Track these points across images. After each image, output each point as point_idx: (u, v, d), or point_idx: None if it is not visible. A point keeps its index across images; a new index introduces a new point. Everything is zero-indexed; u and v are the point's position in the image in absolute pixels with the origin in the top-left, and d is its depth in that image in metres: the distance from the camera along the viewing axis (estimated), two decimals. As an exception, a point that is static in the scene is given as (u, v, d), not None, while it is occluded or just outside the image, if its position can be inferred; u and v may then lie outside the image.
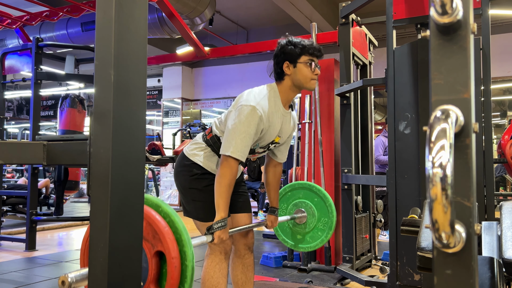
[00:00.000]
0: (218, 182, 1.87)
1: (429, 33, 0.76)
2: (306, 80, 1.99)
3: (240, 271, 2.19)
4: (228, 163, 1.86)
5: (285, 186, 2.67)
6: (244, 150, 1.87)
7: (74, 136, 1.02)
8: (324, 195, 2.54)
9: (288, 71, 1.99)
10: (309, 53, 1.98)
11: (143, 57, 0.93)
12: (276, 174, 2.29)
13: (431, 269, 0.75)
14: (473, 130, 0.72)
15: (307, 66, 1.98)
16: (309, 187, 2.59)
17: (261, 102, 1.91)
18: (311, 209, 2.56)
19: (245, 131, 1.85)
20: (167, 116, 10.36)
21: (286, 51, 1.99)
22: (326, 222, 2.52)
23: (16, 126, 13.64)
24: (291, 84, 2.01)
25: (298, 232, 2.60)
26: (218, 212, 1.86)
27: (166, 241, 1.31)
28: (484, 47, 2.64)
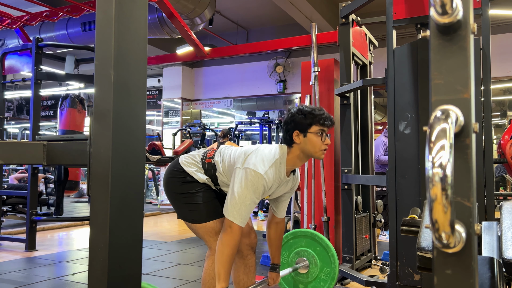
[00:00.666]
0: (220, 251, 1.86)
1: (429, 33, 0.76)
2: (316, 150, 1.96)
3: (242, 272, 2.19)
4: (231, 230, 1.86)
5: (287, 233, 2.66)
6: (246, 217, 1.89)
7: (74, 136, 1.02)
8: (327, 245, 2.53)
9: (298, 140, 1.95)
10: (320, 123, 1.95)
11: (143, 57, 0.93)
12: (278, 230, 2.28)
13: (431, 269, 0.75)
14: (473, 130, 0.72)
15: (317, 136, 1.94)
16: (311, 236, 2.59)
17: (268, 171, 1.90)
18: (313, 259, 2.55)
19: (250, 198, 1.87)
20: (167, 116, 10.36)
21: (296, 120, 1.95)
22: (328, 273, 2.52)
23: (16, 126, 13.65)
24: (299, 153, 1.98)
25: (301, 282, 2.59)
26: (219, 282, 1.84)
27: None
28: (484, 47, 2.64)
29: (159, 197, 10.24)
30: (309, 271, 2.55)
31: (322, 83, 3.86)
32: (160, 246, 4.86)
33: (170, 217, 8.04)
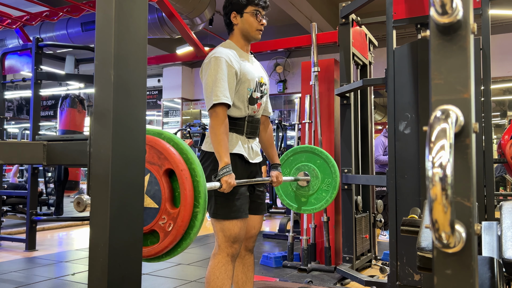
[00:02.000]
0: (213, 133, 1.92)
1: (429, 33, 0.76)
2: (252, 29, 2.09)
3: (240, 271, 2.19)
4: (215, 113, 1.93)
5: (287, 151, 2.68)
6: (225, 93, 1.94)
7: (74, 136, 1.02)
8: (327, 157, 2.56)
9: (236, 21, 2.09)
10: (255, 3, 2.08)
11: (143, 57, 0.93)
12: (268, 130, 2.34)
13: (431, 269, 0.75)
14: (473, 130, 0.72)
15: (253, 16, 2.08)
16: (311, 150, 2.61)
17: (222, 51, 2.00)
18: (314, 171, 2.57)
19: (216, 77, 1.93)
20: (167, 116, 10.36)
21: (233, 2, 2.09)
22: (329, 183, 2.54)
23: (16, 126, 13.64)
24: (240, 35, 2.11)
25: (302, 195, 2.61)
26: (221, 159, 1.89)
27: (172, 157, 1.32)
28: (484, 47, 2.64)
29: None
30: (310, 183, 2.58)
31: (322, 83, 3.86)
32: (160, 246, 4.85)
33: (170, 217, 8.02)
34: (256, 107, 2.13)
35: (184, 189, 1.32)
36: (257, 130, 2.18)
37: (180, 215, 1.33)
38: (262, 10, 2.10)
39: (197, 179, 1.36)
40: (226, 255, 2.01)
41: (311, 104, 3.90)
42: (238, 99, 2.05)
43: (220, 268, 2.00)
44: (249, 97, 2.07)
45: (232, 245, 2.00)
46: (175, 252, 1.42)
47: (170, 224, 1.35)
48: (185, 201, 1.33)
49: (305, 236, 3.74)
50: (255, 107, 2.12)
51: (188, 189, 1.32)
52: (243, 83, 2.04)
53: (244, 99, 2.06)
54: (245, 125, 2.09)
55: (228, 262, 2.01)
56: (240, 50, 2.11)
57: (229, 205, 1.99)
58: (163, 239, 1.37)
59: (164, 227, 1.36)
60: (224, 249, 2.01)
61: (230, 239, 2.00)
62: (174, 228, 1.34)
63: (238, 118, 2.07)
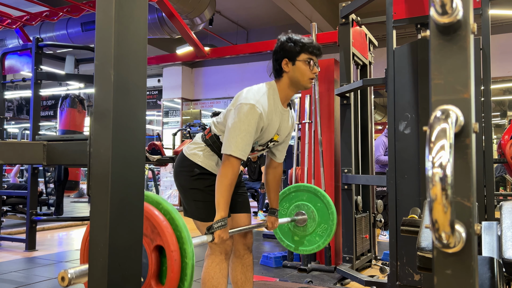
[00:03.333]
0: (219, 181, 1.86)
1: (429, 33, 0.76)
2: (304, 78, 1.98)
3: (239, 271, 2.19)
4: (229, 162, 1.86)
5: (290, 186, 2.67)
6: (245, 149, 1.87)
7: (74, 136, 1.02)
8: (328, 202, 2.54)
9: (287, 68, 1.98)
10: (309, 51, 1.97)
11: (143, 57, 0.93)
12: (276, 175, 2.29)
13: (431, 269, 0.75)
14: (473, 130, 0.72)
15: (306, 65, 1.97)
16: (314, 191, 2.58)
17: (261, 100, 1.90)
18: (312, 213, 2.55)
19: (245, 130, 1.85)
20: (167, 116, 10.36)
21: (285, 48, 1.98)
22: (325, 229, 2.52)
23: (16, 126, 13.64)
24: (289, 82, 2.00)
25: (296, 234, 2.60)
26: (218, 211, 1.85)
27: (165, 234, 1.31)
28: (484, 47, 2.64)
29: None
30: (307, 225, 2.57)
31: (322, 83, 3.86)
32: (160, 246, 4.85)
33: (170, 217, 8.02)
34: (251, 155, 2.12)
35: (172, 271, 1.31)
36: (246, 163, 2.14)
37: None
38: (315, 58, 2.00)
39: (186, 261, 1.34)
40: (220, 254, 2.02)
41: (311, 104, 3.90)
42: None
43: (215, 267, 2.00)
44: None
45: (223, 242, 1.99)
46: None
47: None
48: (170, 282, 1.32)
49: (305, 236, 3.74)
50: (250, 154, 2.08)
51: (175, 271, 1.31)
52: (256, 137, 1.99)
53: None
54: None
55: (222, 261, 2.02)
56: (279, 101, 1.99)
57: (209, 208, 1.99)
58: None
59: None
60: (217, 248, 2.01)
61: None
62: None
63: None
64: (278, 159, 2.25)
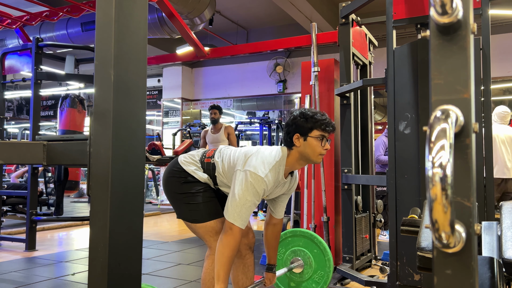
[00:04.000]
0: (220, 251, 1.86)
1: (429, 33, 0.76)
2: (315, 154, 1.97)
3: (241, 271, 2.19)
4: (232, 232, 1.87)
5: (286, 231, 2.66)
6: (247, 219, 1.90)
7: (74, 136, 1.02)
8: (325, 249, 2.53)
9: (298, 143, 1.96)
10: (321, 128, 1.95)
11: (143, 57, 0.93)
12: (275, 231, 2.28)
13: (431, 269, 0.75)
14: (473, 130, 0.72)
15: (317, 141, 1.95)
16: (310, 237, 2.58)
17: (269, 174, 1.91)
18: (309, 260, 2.55)
19: (251, 201, 1.88)
20: (167, 116, 10.36)
21: (298, 123, 1.97)
22: (321, 276, 2.52)
23: (16, 126, 13.65)
24: (298, 156, 1.99)
25: (293, 280, 2.60)
26: (218, 283, 1.84)
27: None
28: (484, 47, 2.64)
29: (159, 197, 10.24)
30: (303, 271, 2.57)
31: (322, 83, 3.86)
32: (160, 246, 4.86)
33: (170, 217, 8.04)
34: None
35: None
36: None
37: None
38: (328, 135, 1.98)
39: None
40: None
41: (311, 104, 3.90)
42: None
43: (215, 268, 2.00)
44: None
45: None
46: None
47: None
48: None
49: (305, 236, 3.74)
50: None
51: None
52: None
53: None
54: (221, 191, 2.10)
55: None
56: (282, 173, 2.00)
57: (201, 209, 2.00)
58: None
59: None
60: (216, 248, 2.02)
61: (217, 235, 2.00)
62: None
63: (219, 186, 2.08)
64: (276, 215, 2.24)
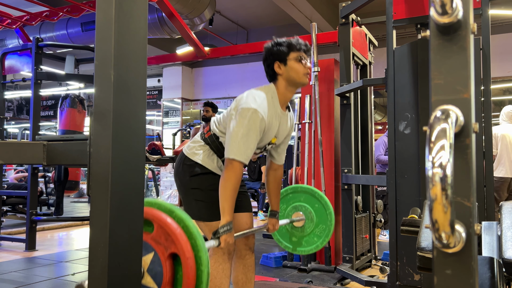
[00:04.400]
0: (223, 185, 1.87)
1: (429, 33, 0.76)
2: (299, 75, 2.01)
3: (241, 272, 2.19)
4: (232, 167, 1.87)
5: (287, 187, 2.66)
6: (247, 153, 1.88)
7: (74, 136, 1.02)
8: (326, 203, 2.54)
9: (280, 71, 2.01)
10: (297, 49, 2.02)
11: (143, 57, 0.93)
12: (277, 177, 2.29)
13: (431, 269, 0.75)
14: (473, 130, 0.72)
15: (297, 62, 2.01)
16: (311, 192, 2.58)
17: (262, 104, 1.92)
18: (310, 214, 2.55)
19: (247, 134, 1.87)
20: (167, 116, 10.36)
21: (274, 52, 2.03)
22: (323, 229, 2.52)
23: (16, 126, 13.64)
24: (286, 84, 2.03)
25: (294, 235, 2.60)
26: (224, 216, 1.85)
27: (180, 242, 1.30)
28: (484, 47, 2.64)
29: (159, 197, 10.24)
30: (304, 226, 2.57)
31: (322, 83, 3.86)
32: (160, 246, 4.85)
33: (170, 217, 8.02)
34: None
35: (188, 277, 1.29)
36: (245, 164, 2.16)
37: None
38: (305, 54, 2.03)
39: (201, 268, 1.33)
40: (222, 254, 2.02)
41: (311, 104, 3.90)
42: None
43: (217, 267, 2.00)
44: None
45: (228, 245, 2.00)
46: None
47: None
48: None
49: (305, 236, 3.74)
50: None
51: (191, 278, 1.30)
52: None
53: None
54: None
55: (225, 261, 2.02)
56: (278, 105, 2.02)
57: (212, 208, 1.99)
58: None
59: None
60: (219, 248, 2.01)
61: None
62: None
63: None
64: (278, 161, 2.26)
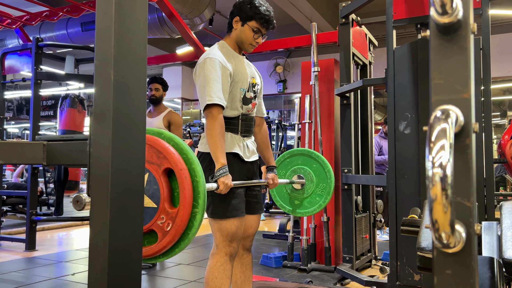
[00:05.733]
0: (209, 134, 1.91)
1: (429, 33, 0.76)
2: (246, 42, 2.08)
3: (239, 270, 2.20)
4: (211, 114, 1.92)
5: (284, 153, 2.69)
6: (219, 94, 1.93)
7: (74, 136, 1.02)
8: (323, 161, 2.56)
9: (235, 26, 2.08)
10: (260, 22, 2.05)
11: (143, 57, 0.93)
12: (263, 131, 2.32)
13: (431, 269, 0.75)
14: (473, 130, 0.72)
15: (251, 31, 2.05)
16: (308, 154, 2.61)
17: (212, 52, 2.00)
18: (309, 175, 2.57)
19: (211, 78, 1.92)
20: (167, 116, 10.35)
21: (241, 8, 2.07)
22: (324, 188, 2.54)
23: (16, 126, 13.65)
24: (235, 39, 2.10)
25: (296, 198, 2.61)
26: (217, 161, 1.89)
27: (172, 156, 1.32)
28: (484, 47, 2.64)
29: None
30: (305, 187, 2.58)
31: (322, 83, 3.86)
32: (160, 246, 4.85)
33: (170, 217, 8.02)
34: (251, 107, 2.15)
35: (184, 188, 1.31)
36: (251, 128, 2.17)
37: (179, 215, 1.33)
38: (263, 30, 2.08)
39: (196, 179, 1.35)
40: (225, 255, 2.02)
41: (311, 104, 3.90)
42: (232, 99, 2.05)
43: (219, 268, 2.00)
44: (243, 97, 2.07)
45: (230, 244, 2.00)
46: (173, 252, 1.42)
47: (168, 224, 1.35)
48: (184, 201, 1.32)
49: (305, 236, 3.74)
50: (250, 106, 2.13)
51: (187, 188, 1.32)
52: (236, 83, 2.04)
53: (237, 99, 2.06)
54: (240, 124, 2.09)
55: (226, 262, 2.02)
56: (233, 51, 2.10)
57: (225, 204, 1.99)
58: (161, 239, 1.37)
59: (163, 227, 1.35)
60: (222, 249, 2.01)
61: (228, 238, 2.00)
62: (172, 228, 1.34)
63: (232, 118, 2.07)
64: (260, 112, 2.29)
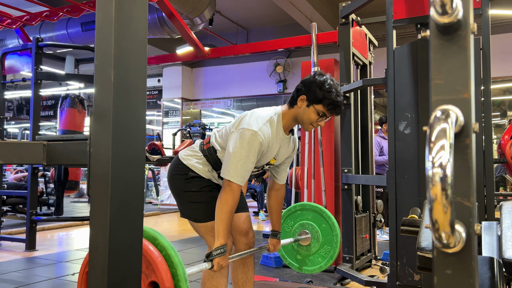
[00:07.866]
0: (219, 208, 1.86)
1: (429, 33, 0.76)
2: (307, 123, 1.99)
3: (240, 271, 2.19)
4: (230, 188, 1.86)
5: (296, 204, 2.66)
6: (244, 175, 1.88)
7: (74, 136, 1.02)
8: (333, 224, 2.53)
9: (301, 104, 1.97)
10: (328, 108, 1.95)
11: (143, 57, 0.93)
12: (278, 197, 2.28)
13: (431, 269, 0.75)
14: (473, 130, 0.72)
15: (316, 114, 1.96)
16: (319, 211, 2.58)
17: (263, 127, 1.91)
18: (316, 234, 2.54)
19: (246, 156, 1.86)
20: (167, 116, 10.36)
21: (311, 88, 1.95)
22: (328, 251, 2.51)
23: (16, 126, 13.65)
24: (295, 116, 2.00)
25: (299, 253, 2.60)
26: (218, 239, 1.85)
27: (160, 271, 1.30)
28: (484, 47, 2.64)
29: (159, 197, 10.24)
30: (310, 245, 2.56)
31: (322, 83, 3.86)
32: (160, 246, 4.85)
33: (170, 217, 8.04)
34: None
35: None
36: None
37: None
38: (328, 115, 1.98)
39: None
40: None
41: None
42: None
43: None
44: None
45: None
46: None
47: None
48: None
49: (305, 236, 3.74)
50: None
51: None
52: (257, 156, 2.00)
53: None
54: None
55: None
56: (281, 129, 2.01)
57: (206, 209, 1.99)
58: None
59: None
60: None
61: None
62: None
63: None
64: (279, 180, 2.25)
